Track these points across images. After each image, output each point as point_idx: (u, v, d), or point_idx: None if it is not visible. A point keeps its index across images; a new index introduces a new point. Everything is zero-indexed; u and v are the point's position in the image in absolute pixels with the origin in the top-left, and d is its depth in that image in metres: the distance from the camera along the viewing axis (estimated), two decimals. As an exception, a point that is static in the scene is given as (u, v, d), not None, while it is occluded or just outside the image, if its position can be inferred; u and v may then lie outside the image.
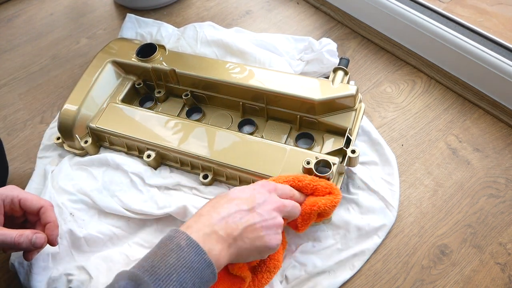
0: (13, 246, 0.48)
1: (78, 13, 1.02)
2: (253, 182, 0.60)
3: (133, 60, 0.73)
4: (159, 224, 0.61)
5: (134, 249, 0.59)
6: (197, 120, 0.70)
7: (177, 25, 0.94)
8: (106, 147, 0.70)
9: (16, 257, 0.57)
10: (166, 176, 0.65)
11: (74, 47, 0.93)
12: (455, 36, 0.73)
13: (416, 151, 0.69)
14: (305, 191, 0.54)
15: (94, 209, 0.62)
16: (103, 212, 0.61)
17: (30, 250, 0.50)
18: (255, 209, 0.46)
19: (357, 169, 0.64)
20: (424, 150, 0.69)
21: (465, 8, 0.88)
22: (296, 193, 0.52)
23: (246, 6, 0.98)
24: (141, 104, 0.75)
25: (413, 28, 0.78)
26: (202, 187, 0.63)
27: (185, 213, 0.59)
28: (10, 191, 0.51)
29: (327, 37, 0.88)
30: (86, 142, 0.67)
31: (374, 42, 0.86)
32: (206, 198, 0.61)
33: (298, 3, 0.97)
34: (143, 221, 0.61)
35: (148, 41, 0.84)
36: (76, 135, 0.67)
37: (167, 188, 0.64)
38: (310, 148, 0.64)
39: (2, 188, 0.52)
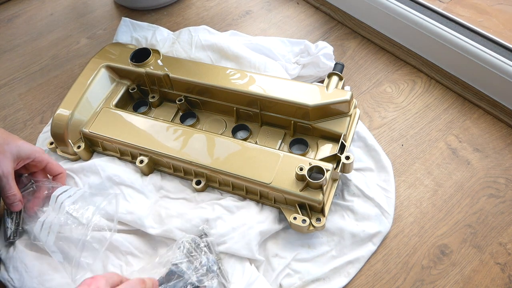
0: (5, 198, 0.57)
1: (78, 13, 1.02)
2: (246, 188, 0.60)
3: (127, 65, 0.73)
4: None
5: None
6: (191, 126, 0.70)
7: (177, 25, 0.94)
8: (99, 152, 0.69)
9: None
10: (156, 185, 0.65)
11: (74, 47, 0.93)
12: (455, 36, 0.73)
13: (416, 151, 0.69)
14: None
15: None
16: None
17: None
18: None
19: (352, 176, 0.64)
20: (424, 150, 0.69)
21: (465, 8, 0.88)
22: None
23: (246, 6, 0.98)
24: (135, 109, 0.74)
25: (413, 28, 0.78)
26: (193, 195, 0.63)
27: None
28: (41, 153, 0.61)
29: (328, 37, 0.88)
30: (79, 147, 0.67)
31: (374, 42, 0.86)
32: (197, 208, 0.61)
33: (298, 3, 0.97)
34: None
35: (143, 45, 0.83)
36: (69, 140, 0.67)
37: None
38: (304, 154, 0.64)
39: (34, 147, 0.61)
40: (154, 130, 0.65)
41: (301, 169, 0.56)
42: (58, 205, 0.57)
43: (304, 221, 0.56)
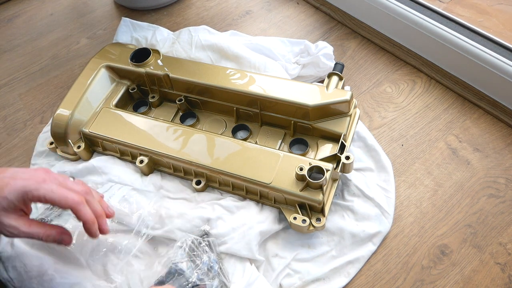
0: (41, 241, 0.49)
1: (78, 13, 1.02)
2: (246, 188, 0.60)
3: (127, 65, 0.73)
4: None
5: None
6: (191, 126, 0.69)
7: (177, 25, 0.94)
8: (99, 152, 0.69)
9: None
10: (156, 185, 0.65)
11: (74, 47, 0.93)
12: (455, 36, 0.73)
13: (416, 151, 0.69)
14: None
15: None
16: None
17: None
18: None
19: (352, 176, 0.64)
20: (424, 150, 0.69)
21: (465, 8, 0.88)
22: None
23: (246, 6, 0.98)
24: (135, 109, 0.74)
25: (413, 28, 0.78)
26: (193, 195, 0.63)
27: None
28: (35, 189, 0.46)
29: (328, 37, 0.88)
30: (79, 147, 0.67)
31: (374, 42, 0.86)
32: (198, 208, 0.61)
33: (298, 3, 0.97)
34: None
35: (143, 45, 0.83)
36: (69, 140, 0.67)
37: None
38: (304, 154, 0.64)
39: (28, 180, 0.47)
40: (154, 130, 0.65)
41: (301, 169, 0.56)
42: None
43: (304, 221, 0.56)
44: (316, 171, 0.57)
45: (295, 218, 0.56)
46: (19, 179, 0.46)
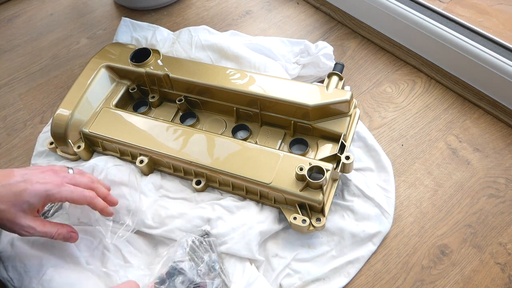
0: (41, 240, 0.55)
1: (78, 13, 1.02)
2: (246, 188, 0.60)
3: (127, 65, 0.73)
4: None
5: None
6: (191, 126, 0.69)
7: (177, 25, 0.94)
8: (99, 152, 0.69)
9: None
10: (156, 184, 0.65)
11: (74, 47, 0.93)
12: (455, 36, 0.73)
13: (416, 151, 0.69)
14: None
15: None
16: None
17: None
18: None
19: (352, 176, 0.64)
20: (424, 150, 0.69)
21: (465, 8, 0.88)
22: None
23: (246, 6, 0.98)
24: (135, 109, 0.74)
25: (413, 28, 0.78)
26: (193, 195, 0.63)
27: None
28: (57, 192, 0.51)
29: (328, 37, 0.88)
30: (79, 147, 0.67)
31: (374, 42, 0.86)
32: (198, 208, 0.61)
33: (298, 3, 0.97)
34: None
35: (143, 45, 0.83)
36: (69, 140, 0.67)
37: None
38: (304, 154, 0.64)
39: (48, 184, 0.51)
40: (154, 130, 0.65)
41: (301, 169, 0.56)
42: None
43: (304, 221, 0.56)
44: (316, 171, 0.57)
45: (295, 218, 0.56)
46: (36, 183, 0.50)
